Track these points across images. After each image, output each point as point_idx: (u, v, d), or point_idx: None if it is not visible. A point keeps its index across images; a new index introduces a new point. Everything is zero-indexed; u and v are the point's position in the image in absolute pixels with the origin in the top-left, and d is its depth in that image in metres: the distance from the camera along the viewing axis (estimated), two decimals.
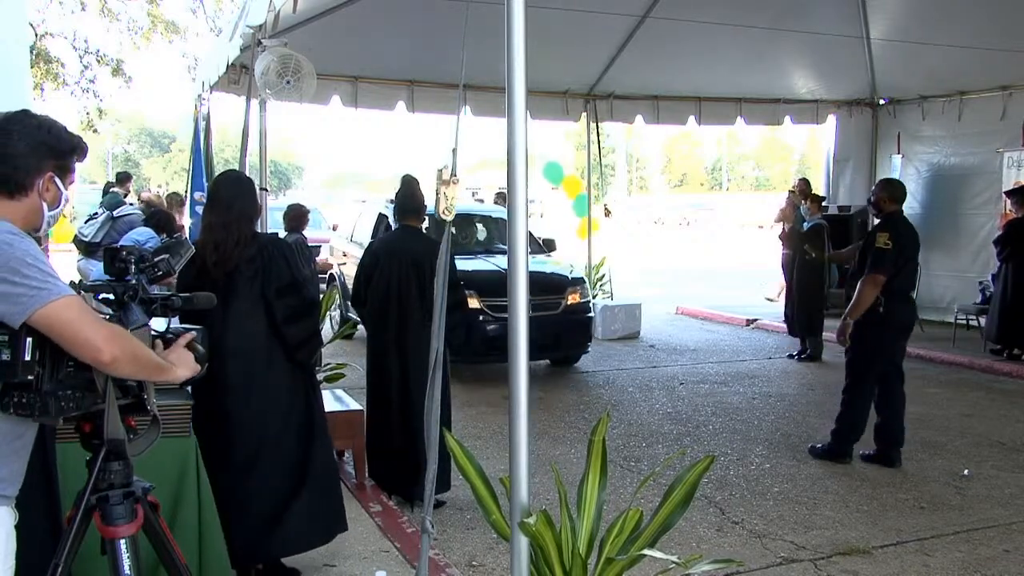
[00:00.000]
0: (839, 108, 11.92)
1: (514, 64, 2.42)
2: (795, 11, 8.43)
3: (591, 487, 2.73)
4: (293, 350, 3.62)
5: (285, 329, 3.57)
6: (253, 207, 3.72)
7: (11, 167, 2.05)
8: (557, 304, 8.21)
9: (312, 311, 3.78)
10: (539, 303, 7.77)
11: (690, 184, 64.78)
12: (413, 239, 4.89)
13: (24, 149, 2.06)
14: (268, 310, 3.56)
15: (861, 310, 5.37)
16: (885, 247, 5.30)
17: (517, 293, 2.51)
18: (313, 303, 3.83)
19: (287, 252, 3.69)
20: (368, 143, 77.94)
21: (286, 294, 3.58)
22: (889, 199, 5.61)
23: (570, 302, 8.29)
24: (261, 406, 3.58)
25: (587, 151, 11.97)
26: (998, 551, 4.25)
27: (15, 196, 2.06)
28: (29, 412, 1.96)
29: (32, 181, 2.07)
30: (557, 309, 8.17)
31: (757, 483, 5.25)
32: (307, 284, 3.92)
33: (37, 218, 2.11)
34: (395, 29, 8.26)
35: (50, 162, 2.10)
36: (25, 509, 2.15)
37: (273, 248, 3.64)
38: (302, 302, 3.66)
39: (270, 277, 3.56)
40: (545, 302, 8.03)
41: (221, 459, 3.49)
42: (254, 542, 3.56)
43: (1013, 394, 7.69)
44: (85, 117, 17.42)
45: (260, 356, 3.57)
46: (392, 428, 4.80)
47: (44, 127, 2.10)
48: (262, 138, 6.73)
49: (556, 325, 8.10)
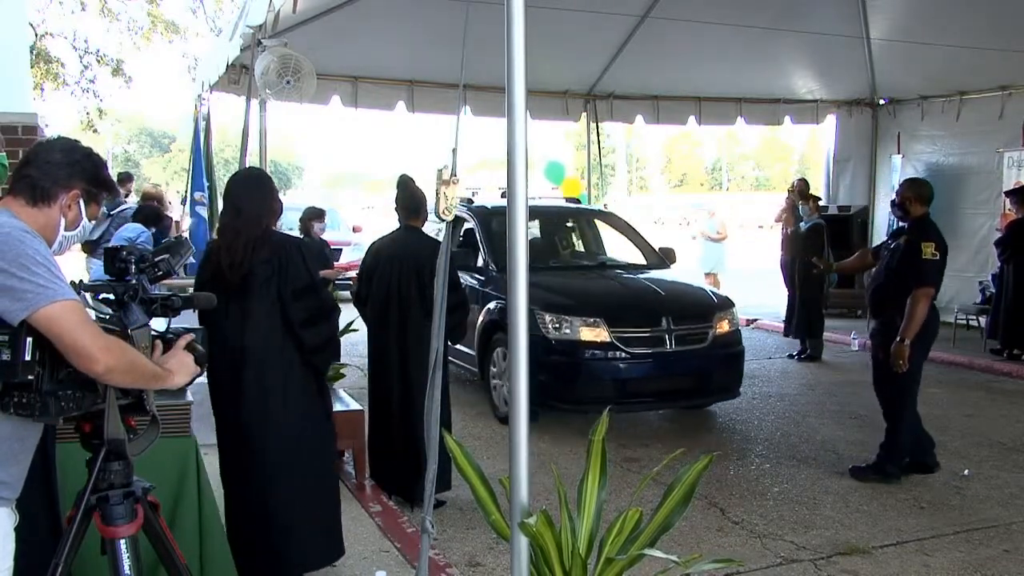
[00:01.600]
0: (839, 108, 11.93)
1: (514, 64, 2.42)
2: (795, 11, 8.44)
3: (591, 487, 2.73)
4: (310, 354, 3.48)
5: (302, 332, 3.42)
6: (265, 207, 3.51)
7: (41, 172, 2.10)
8: (703, 335, 6.33)
9: (331, 315, 3.61)
10: (681, 334, 6.23)
11: (690, 184, 64.71)
12: (415, 239, 4.85)
13: (59, 160, 2.12)
14: (284, 313, 3.40)
15: (917, 328, 4.91)
16: (933, 258, 4.94)
17: (517, 293, 2.50)
18: (333, 307, 3.65)
19: (305, 252, 3.53)
20: (368, 143, 77.94)
21: (303, 296, 3.43)
22: (917, 200, 5.18)
23: (719, 331, 6.41)
24: (277, 416, 3.43)
25: (587, 151, 11.97)
26: (998, 551, 4.25)
27: (37, 204, 2.09)
28: (29, 412, 1.97)
29: (57, 193, 2.10)
30: (704, 341, 6.31)
31: (757, 483, 5.25)
32: (325, 287, 3.86)
33: (52, 233, 2.12)
34: (395, 29, 8.27)
35: (80, 183, 2.14)
36: (25, 509, 2.15)
37: (291, 248, 3.48)
38: (321, 305, 3.52)
39: (287, 278, 3.40)
40: (688, 333, 6.28)
41: (242, 471, 3.46)
42: (277, 556, 3.47)
43: (1013, 394, 7.69)
44: (85, 117, 17.42)
45: (276, 360, 3.43)
46: (392, 428, 4.80)
47: (86, 153, 2.18)
48: (262, 138, 6.76)
49: (703, 362, 6.34)
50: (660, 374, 6.22)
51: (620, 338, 6.04)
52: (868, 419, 6.76)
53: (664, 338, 6.15)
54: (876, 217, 11.89)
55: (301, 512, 3.50)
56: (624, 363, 6.05)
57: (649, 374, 6.20)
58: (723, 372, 6.49)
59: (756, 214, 40.26)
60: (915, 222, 5.21)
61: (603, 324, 6.03)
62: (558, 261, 7.71)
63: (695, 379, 6.39)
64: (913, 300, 4.93)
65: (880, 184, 11.83)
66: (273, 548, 3.46)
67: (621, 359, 6.04)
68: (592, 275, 7.28)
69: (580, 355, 6.04)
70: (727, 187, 63.46)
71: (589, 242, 8.34)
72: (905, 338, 4.92)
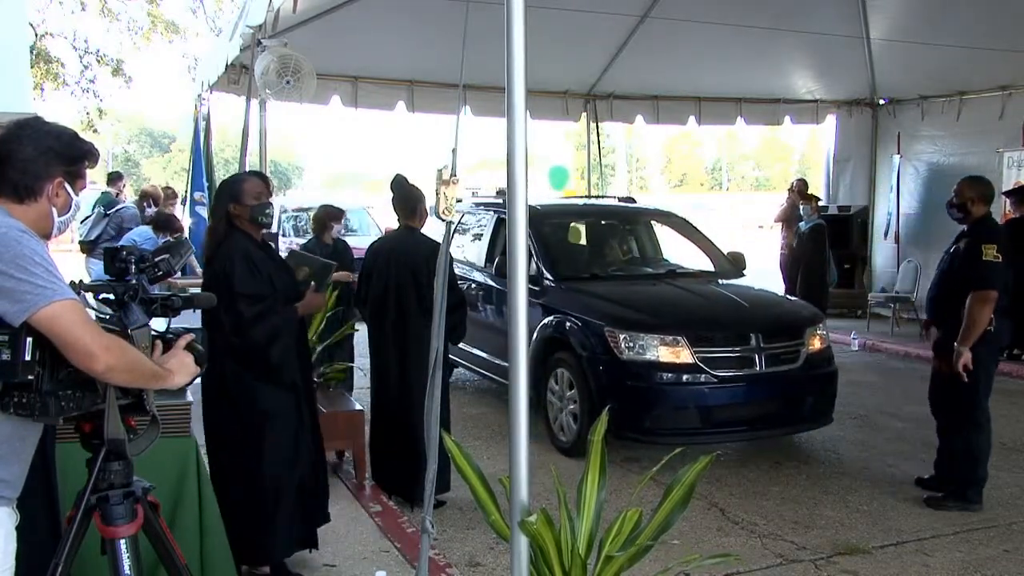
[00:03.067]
0: (839, 108, 11.92)
1: (514, 64, 2.42)
2: (795, 11, 8.43)
3: (591, 487, 2.73)
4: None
5: (233, 340, 3.53)
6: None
7: (20, 171, 2.06)
8: (796, 353, 5.62)
9: (254, 325, 3.58)
10: (772, 353, 5.51)
11: (690, 184, 64.71)
12: (413, 239, 4.86)
13: (32, 154, 2.07)
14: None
15: (977, 333, 4.62)
16: (995, 259, 4.64)
17: (517, 294, 2.50)
18: (257, 316, 3.60)
19: (247, 261, 3.60)
20: (368, 143, 77.83)
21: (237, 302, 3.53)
22: (979, 199, 4.84)
23: (811, 349, 5.70)
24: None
25: (587, 151, 11.97)
26: (998, 551, 4.25)
27: (25, 201, 2.07)
28: (29, 412, 1.97)
29: (41, 186, 2.08)
30: (796, 361, 5.60)
31: (757, 483, 5.25)
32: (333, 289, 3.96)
33: (47, 223, 2.12)
34: (395, 29, 8.26)
35: (59, 168, 2.11)
36: (25, 509, 2.15)
37: (234, 255, 3.57)
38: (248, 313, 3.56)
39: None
40: (779, 352, 5.57)
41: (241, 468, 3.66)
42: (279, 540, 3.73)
43: (1013, 394, 7.69)
44: (85, 117, 17.43)
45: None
46: (391, 428, 4.80)
47: (53, 133, 2.12)
48: (262, 138, 6.75)
49: (796, 385, 5.63)
50: (750, 400, 5.53)
51: (705, 359, 5.35)
52: (868, 419, 6.77)
53: (753, 358, 5.44)
54: (876, 217, 11.91)
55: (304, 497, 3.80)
56: (710, 388, 5.36)
57: (738, 400, 5.50)
58: (818, 395, 5.77)
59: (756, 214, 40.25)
60: (976, 223, 4.87)
61: (685, 343, 5.34)
62: (618, 269, 6.92)
63: (787, 404, 5.66)
64: (971, 303, 4.62)
65: (880, 184, 11.83)
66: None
67: (707, 383, 5.35)
68: (662, 285, 6.35)
69: (658, 379, 5.36)
70: (727, 187, 63.45)
71: (646, 246, 7.52)
72: (962, 344, 4.62)
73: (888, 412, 7.00)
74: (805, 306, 6.42)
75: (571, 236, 7.64)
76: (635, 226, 7.64)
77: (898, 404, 7.24)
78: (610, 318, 5.55)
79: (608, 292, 6.02)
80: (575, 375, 5.67)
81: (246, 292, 3.53)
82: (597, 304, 5.80)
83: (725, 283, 6.52)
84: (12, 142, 2.07)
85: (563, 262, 6.57)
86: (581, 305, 5.85)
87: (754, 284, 6.67)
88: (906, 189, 11.40)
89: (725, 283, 6.52)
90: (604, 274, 6.61)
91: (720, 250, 7.15)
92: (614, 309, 5.68)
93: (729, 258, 7.03)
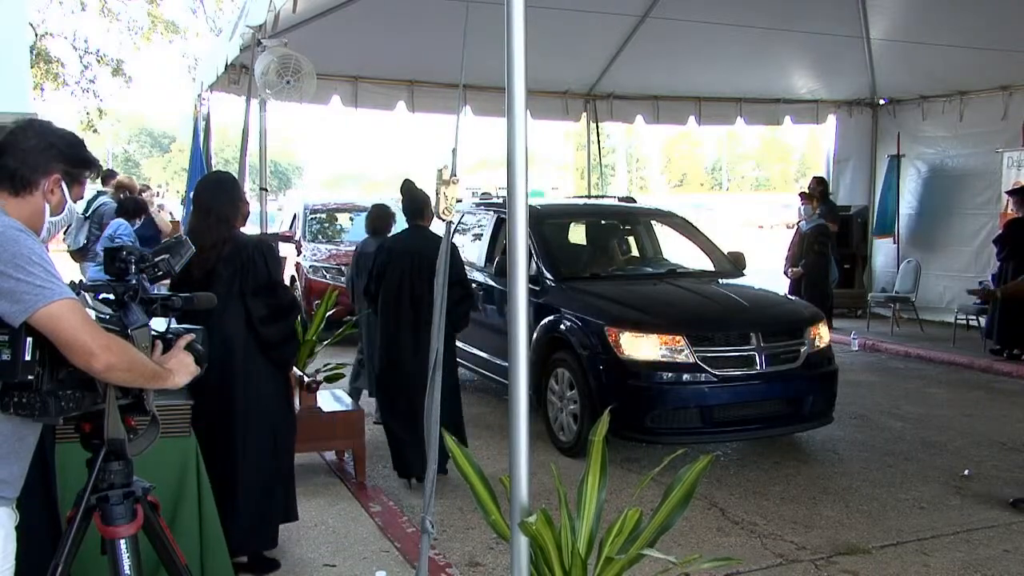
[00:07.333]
0: (839, 108, 11.93)
1: (514, 64, 2.42)
2: (795, 11, 8.44)
3: (591, 487, 2.73)
4: (268, 349, 3.76)
5: (261, 329, 3.71)
6: (230, 208, 3.80)
7: (18, 161, 2.07)
8: (795, 353, 5.62)
9: (288, 314, 3.85)
10: (772, 352, 5.52)
11: (690, 184, 64.71)
12: (422, 237, 5.14)
13: (35, 146, 2.09)
14: (247, 310, 3.69)
15: None
16: None
17: (517, 294, 2.50)
18: (291, 306, 3.88)
19: (266, 253, 3.79)
20: (368, 143, 77.76)
21: (262, 294, 3.72)
22: None
23: (812, 348, 5.71)
24: (243, 405, 3.72)
25: (587, 151, 11.97)
26: (998, 551, 4.25)
27: (20, 194, 2.07)
28: (29, 412, 1.96)
29: (37, 180, 2.08)
30: (796, 360, 5.60)
31: (757, 483, 5.25)
32: (284, 286, 4.02)
33: (39, 220, 2.11)
34: (395, 29, 8.26)
35: (59, 165, 2.12)
36: (25, 510, 2.15)
37: (252, 249, 3.75)
38: (279, 303, 3.79)
39: (247, 277, 3.69)
40: (779, 351, 5.57)
41: (210, 454, 3.60)
42: (244, 535, 3.73)
43: (1013, 394, 7.69)
44: (85, 117, 17.43)
45: (239, 356, 3.70)
46: (411, 415, 4.91)
47: (60, 133, 2.15)
48: (262, 138, 6.74)
49: (797, 384, 5.64)
50: (750, 399, 5.54)
51: (705, 358, 5.36)
52: (868, 419, 6.77)
53: (754, 357, 5.45)
54: (876, 217, 11.91)
55: (263, 494, 3.79)
56: (710, 387, 5.36)
57: (738, 400, 5.50)
58: (818, 394, 5.74)
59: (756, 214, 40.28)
60: None
61: (685, 342, 5.35)
62: (619, 268, 6.92)
63: (788, 404, 5.65)
64: None
65: (880, 184, 11.83)
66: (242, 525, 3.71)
67: (707, 383, 5.36)
68: (662, 284, 6.34)
69: (659, 378, 5.36)
70: (727, 187, 63.48)
71: (646, 246, 7.54)
72: None
73: (888, 412, 6.99)
74: (805, 306, 6.43)
75: (571, 236, 7.69)
76: (635, 226, 7.65)
77: (898, 404, 7.24)
78: (610, 318, 5.57)
79: (608, 292, 6.03)
80: (575, 375, 5.68)
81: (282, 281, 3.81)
82: (597, 304, 5.82)
83: (725, 283, 6.56)
84: (17, 133, 2.10)
85: (563, 262, 6.59)
86: (581, 305, 5.87)
87: (754, 284, 6.66)
88: (906, 189, 11.40)
89: (725, 283, 6.56)
90: (604, 274, 6.63)
91: (720, 250, 7.17)
92: (614, 309, 5.71)
93: (729, 258, 7.05)
